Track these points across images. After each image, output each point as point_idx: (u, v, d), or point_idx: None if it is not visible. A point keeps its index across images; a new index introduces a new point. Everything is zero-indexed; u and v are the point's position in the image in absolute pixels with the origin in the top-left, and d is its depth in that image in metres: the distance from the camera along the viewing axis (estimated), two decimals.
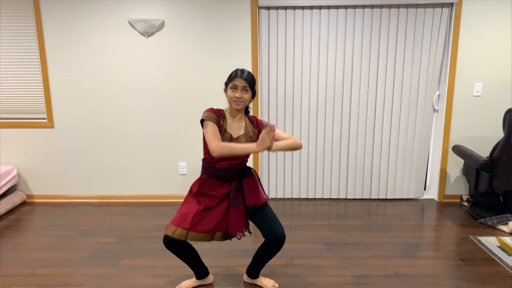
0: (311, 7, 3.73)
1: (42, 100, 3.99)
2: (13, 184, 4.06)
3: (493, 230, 3.35)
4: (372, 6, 3.71)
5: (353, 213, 3.80)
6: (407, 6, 3.71)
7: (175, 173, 4.13)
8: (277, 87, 3.91)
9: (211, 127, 2.13)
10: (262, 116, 4.00)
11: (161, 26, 3.80)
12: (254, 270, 2.51)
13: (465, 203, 3.96)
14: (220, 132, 2.18)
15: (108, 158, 4.10)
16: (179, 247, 2.28)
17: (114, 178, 4.15)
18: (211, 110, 2.19)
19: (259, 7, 3.75)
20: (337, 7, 3.72)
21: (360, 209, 3.89)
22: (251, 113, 2.39)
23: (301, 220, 3.61)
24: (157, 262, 2.85)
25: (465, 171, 3.88)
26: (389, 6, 3.71)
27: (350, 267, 2.75)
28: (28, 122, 4.03)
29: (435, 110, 4.05)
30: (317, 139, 4.02)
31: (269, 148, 2.06)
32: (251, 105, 2.38)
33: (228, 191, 2.26)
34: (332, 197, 4.18)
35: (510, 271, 2.68)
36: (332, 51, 3.82)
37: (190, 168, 4.11)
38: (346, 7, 3.72)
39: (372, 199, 4.17)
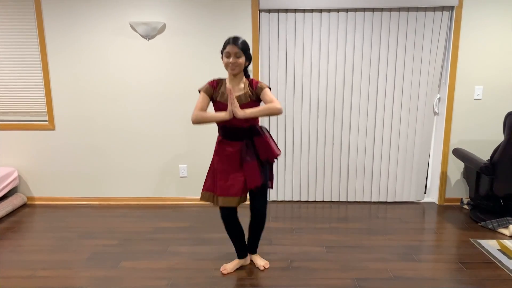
0: (312, 11, 3.74)
1: (43, 102, 4.00)
2: (14, 186, 4.07)
3: (493, 233, 3.35)
4: (373, 10, 3.72)
5: (353, 216, 3.80)
6: (408, 9, 3.72)
7: (175, 175, 4.13)
8: (278, 90, 3.92)
9: (201, 97, 2.46)
10: (262, 119, 4.00)
11: (162, 28, 3.81)
12: (250, 245, 2.83)
13: (466, 206, 3.96)
14: (218, 95, 2.45)
15: (109, 160, 4.10)
16: (230, 221, 2.62)
17: (115, 180, 4.15)
18: (209, 82, 2.49)
19: (260, 10, 3.76)
20: (338, 10, 3.74)
21: (361, 212, 3.89)
22: (251, 77, 2.57)
23: (302, 223, 3.61)
24: (158, 264, 2.85)
25: (466, 174, 3.88)
26: (390, 10, 3.72)
27: (350, 270, 2.75)
28: (29, 124, 4.04)
29: (435, 113, 4.05)
30: (318, 142, 4.03)
31: (236, 114, 2.24)
32: (250, 68, 2.52)
33: (240, 149, 2.47)
34: (332, 200, 4.18)
35: (511, 274, 2.67)
36: (333, 54, 3.83)
37: (191, 171, 4.11)
38: (346, 10, 3.73)
39: (373, 202, 4.17)
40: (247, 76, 2.53)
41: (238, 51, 2.36)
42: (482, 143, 3.97)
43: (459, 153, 3.76)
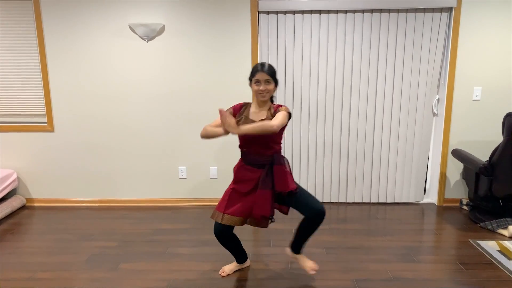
0: (311, 12, 3.75)
1: (43, 104, 3.99)
2: (13, 188, 4.07)
3: (493, 234, 3.36)
4: (372, 11, 3.73)
5: (353, 217, 3.80)
6: (407, 10, 3.73)
7: (175, 177, 4.13)
8: (277, 91, 3.92)
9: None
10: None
11: (162, 30, 3.81)
12: (295, 244, 2.62)
13: (465, 207, 3.97)
14: (240, 120, 2.43)
15: (108, 162, 4.10)
16: (225, 237, 2.53)
17: (114, 182, 4.15)
18: (234, 106, 2.51)
19: (259, 11, 3.76)
20: (337, 11, 3.74)
21: (360, 213, 3.89)
22: (275, 102, 2.55)
23: None
24: (157, 266, 2.85)
25: (465, 175, 3.88)
26: (389, 11, 3.73)
27: (350, 271, 2.75)
28: (28, 126, 4.04)
29: (434, 114, 4.06)
30: (317, 143, 4.03)
31: (232, 131, 2.22)
32: (275, 94, 2.48)
33: (260, 176, 2.42)
34: (332, 201, 4.18)
35: (510, 275, 2.67)
36: (332, 55, 3.84)
37: (190, 172, 4.11)
38: (345, 11, 3.74)
39: (372, 203, 4.17)
40: (272, 101, 2.50)
41: (268, 78, 2.34)
42: (481, 144, 3.98)
43: (458, 154, 3.76)
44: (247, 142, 2.44)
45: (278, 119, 2.27)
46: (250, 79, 2.42)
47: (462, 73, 3.83)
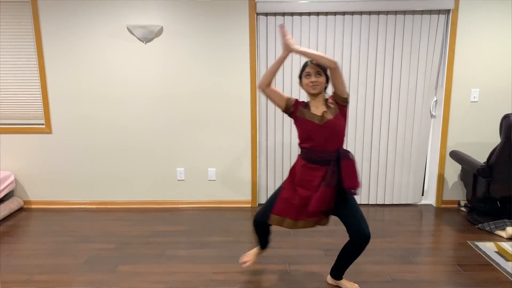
0: (309, 14, 3.76)
1: (40, 105, 3.98)
2: (10, 190, 4.05)
3: (490, 236, 3.36)
4: (370, 13, 3.74)
5: None
6: (404, 12, 3.74)
7: (173, 178, 4.12)
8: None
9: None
10: (260, 121, 4.01)
11: (160, 32, 3.81)
12: (337, 270, 2.53)
13: (463, 209, 3.97)
14: (295, 112, 2.39)
15: (106, 164, 4.09)
16: (263, 228, 2.54)
17: (112, 183, 4.14)
18: (296, 100, 2.43)
19: (257, 13, 3.77)
20: (335, 13, 3.75)
21: None
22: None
23: None
24: (155, 268, 2.84)
25: (463, 176, 3.89)
26: (386, 13, 3.74)
27: (348, 273, 2.74)
28: (26, 127, 4.02)
29: (432, 116, 4.07)
30: None
31: (292, 49, 2.19)
32: (326, 92, 2.42)
33: (324, 175, 2.30)
34: None
35: (508, 277, 2.68)
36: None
37: (188, 174, 4.11)
38: (343, 13, 3.74)
39: (370, 204, 4.18)
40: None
41: (319, 69, 2.29)
42: (479, 145, 3.99)
43: (456, 156, 3.77)
44: (310, 136, 2.31)
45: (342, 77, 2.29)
46: (300, 76, 2.37)
47: (460, 75, 3.85)
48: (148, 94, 3.94)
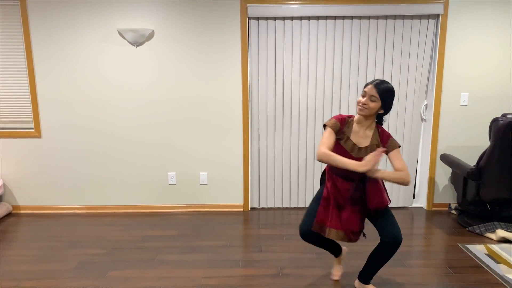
0: (300, 18, 3.77)
1: (30, 109, 3.94)
2: None
3: (481, 238, 3.39)
4: (360, 17, 3.77)
5: None
6: (395, 17, 3.77)
7: (164, 183, 4.10)
8: (267, 97, 3.93)
9: (327, 133, 2.29)
10: (252, 125, 4.01)
11: (151, 35, 3.80)
12: (366, 274, 2.51)
13: (453, 211, 4.00)
14: (342, 139, 2.31)
15: (96, 168, 4.06)
16: (312, 238, 2.43)
17: (102, 188, 4.10)
18: (337, 117, 2.34)
19: (248, 17, 3.78)
20: (326, 18, 3.77)
21: None
22: (383, 127, 2.41)
23: (292, 230, 3.61)
24: (146, 274, 2.82)
25: (453, 179, 3.92)
26: (377, 18, 3.77)
27: (340, 276, 2.74)
28: (15, 131, 3.98)
29: (422, 120, 4.10)
30: (307, 148, 4.04)
31: (369, 172, 2.14)
32: (387, 117, 2.37)
33: (349, 189, 2.34)
34: None
35: (498, 279, 2.70)
36: (321, 62, 3.86)
37: (180, 178, 4.08)
38: (334, 18, 3.77)
39: None
40: (380, 123, 2.38)
41: (375, 95, 2.21)
42: (469, 148, 4.03)
43: (446, 159, 3.80)
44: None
45: (405, 165, 2.28)
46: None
47: (450, 79, 3.89)
48: (139, 97, 3.92)
